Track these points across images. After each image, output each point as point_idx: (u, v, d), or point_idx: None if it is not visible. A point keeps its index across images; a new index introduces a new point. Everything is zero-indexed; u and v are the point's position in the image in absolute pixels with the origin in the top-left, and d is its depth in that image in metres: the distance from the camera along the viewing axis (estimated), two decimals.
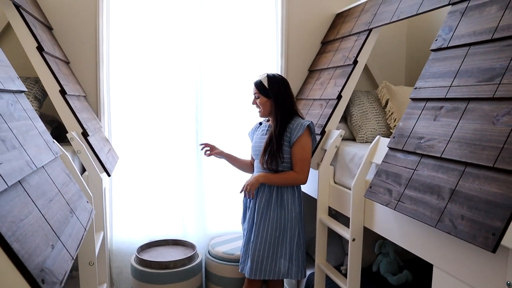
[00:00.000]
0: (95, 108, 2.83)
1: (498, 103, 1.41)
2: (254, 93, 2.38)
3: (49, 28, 2.65)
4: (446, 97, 1.64)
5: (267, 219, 2.32)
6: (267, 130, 2.44)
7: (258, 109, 2.42)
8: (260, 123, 2.58)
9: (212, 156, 2.99)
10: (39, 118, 1.43)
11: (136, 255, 2.75)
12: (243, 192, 2.38)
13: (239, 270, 2.46)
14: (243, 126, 3.02)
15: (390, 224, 1.84)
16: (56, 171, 1.34)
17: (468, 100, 1.54)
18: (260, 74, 2.45)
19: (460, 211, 1.36)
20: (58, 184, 1.29)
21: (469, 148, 1.43)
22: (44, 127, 1.44)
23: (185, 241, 2.99)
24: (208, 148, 2.61)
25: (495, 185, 1.29)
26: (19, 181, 1.00)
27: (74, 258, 1.08)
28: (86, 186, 1.74)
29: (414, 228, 1.66)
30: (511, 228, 1.20)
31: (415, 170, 1.64)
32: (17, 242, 0.84)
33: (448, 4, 1.89)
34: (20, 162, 1.05)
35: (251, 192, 2.32)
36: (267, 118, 2.52)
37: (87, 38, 2.78)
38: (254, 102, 2.41)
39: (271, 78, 2.36)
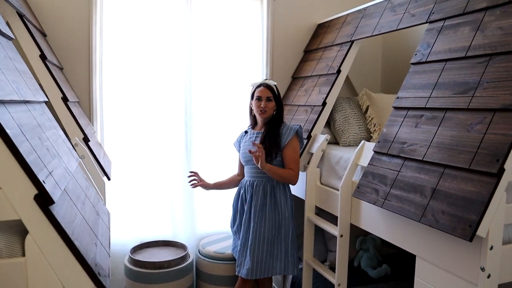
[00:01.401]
0: (88, 114, 2.90)
1: (472, 113, 1.63)
2: (268, 96, 2.49)
3: (44, 34, 2.70)
4: (426, 106, 1.85)
5: (263, 219, 2.46)
6: (255, 137, 2.58)
7: (259, 111, 2.50)
8: (246, 132, 2.70)
9: (202, 161, 3.15)
10: (59, 127, 1.53)
11: (129, 256, 2.84)
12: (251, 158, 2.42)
13: (236, 273, 2.56)
14: (231, 130, 3.17)
15: (376, 221, 2.03)
16: (79, 176, 1.45)
17: (446, 110, 1.75)
18: (248, 80, 2.58)
19: (441, 207, 1.56)
20: (83, 188, 1.39)
21: (448, 152, 1.64)
22: (64, 135, 1.54)
23: (176, 241, 3.10)
24: (196, 180, 2.70)
25: (471, 184, 1.50)
26: None
27: (110, 255, 1.20)
28: (98, 190, 1.84)
29: (399, 223, 1.85)
30: (484, 220, 1.41)
31: (399, 171, 1.84)
32: (76, 240, 0.96)
33: (426, 22, 2.10)
34: (62, 169, 1.16)
35: (260, 157, 2.30)
36: (252, 125, 2.67)
37: (80, 45, 2.85)
38: (265, 105, 2.49)
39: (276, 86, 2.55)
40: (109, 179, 2.36)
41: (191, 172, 2.72)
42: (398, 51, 3.56)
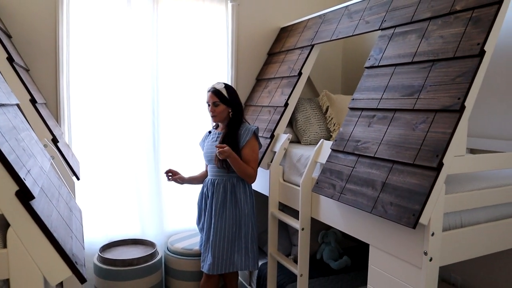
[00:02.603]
0: (55, 115, 2.92)
1: (417, 114, 1.80)
2: (214, 101, 2.58)
3: (9, 36, 2.70)
4: (378, 107, 2.02)
5: (224, 217, 2.57)
6: (217, 137, 2.68)
7: (212, 115, 2.62)
8: (209, 132, 2.81)
9: (169, 160, 3.21)
10: (31, 128, 1.59)
11: (99, 254, 2.88)
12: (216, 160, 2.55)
13: (201, 268, 2.67)
14: (197, 130, 3.27)
15: (334, 214, 2.18)
16: (52, 175, 1.51)
17: (395, 110, 1.92)
18: (212, 83, 2.67)
19: (390, 199, 1.72)
20: (56, 187, 1.46)
21: (396, 149, 1.81)
22: (36, 136, 1.60)
23: (144, 239, 3.16)
24: (171, 174, 2.78)
25: (415, 178, 1.67)
26: None
27: (84, 248, 1.28)
28: (68, 189, 1.89)
29: (354, 215, 2.01)
30: (426, 209, 1.58)
31: (354, 167, 2.00)
32: (55, 232, 1.04)
33: (379, 29, 2.28)
34: (38, 168, 1.23)
35: (224, 153, 2.40)
36: (215, 126, 2.77)
37: (46, 46, 2.85)
38: (212, 110, 2.59)
39: (229, 88, 2.62)
40: (78, 179, 2.40)
41: (166, 171, 2.79)
42: (357, 55, 3.76)
